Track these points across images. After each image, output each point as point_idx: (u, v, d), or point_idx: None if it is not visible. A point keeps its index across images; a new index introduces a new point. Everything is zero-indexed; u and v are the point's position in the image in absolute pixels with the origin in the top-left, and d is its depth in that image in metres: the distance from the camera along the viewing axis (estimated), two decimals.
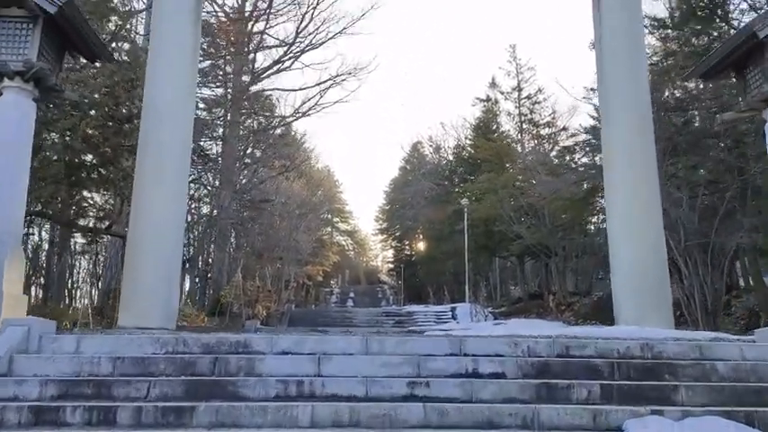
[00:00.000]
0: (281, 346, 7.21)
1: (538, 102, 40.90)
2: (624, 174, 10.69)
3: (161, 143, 10.51)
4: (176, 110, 10.77)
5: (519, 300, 29.57)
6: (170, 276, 10.41)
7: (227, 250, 25.46)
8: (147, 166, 10.53)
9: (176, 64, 10.78)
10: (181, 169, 10.90)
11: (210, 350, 7.16)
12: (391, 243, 60.62)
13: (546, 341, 7.34)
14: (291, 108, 28.99)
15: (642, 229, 10.50)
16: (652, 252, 10.45)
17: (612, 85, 10.98)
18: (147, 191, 10.43)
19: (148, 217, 10.32)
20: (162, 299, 10.18)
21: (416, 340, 7.46)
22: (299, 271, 36.22)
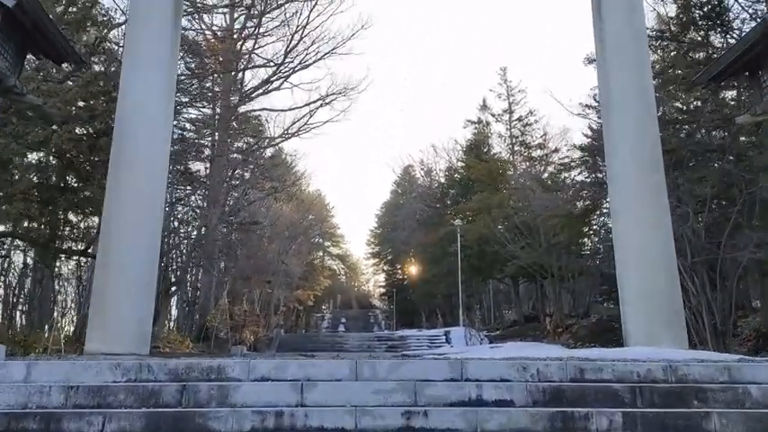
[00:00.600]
0: (259, 371, 6.32)
1: (529, 124, 40.58)
2: (630, 184, 9.98)
3: (136, 153, 9.71)
4: (152, 119, 10.00)
5: (514, 323, 28.67)
6: (143, 298, 9.50)
7: (215, 274, 24.46)
8: (119, 179, 9.71)
9: (153, 69, 10.05)
10: (156, 183, 10.08)
11: (178, 377, 6.26)
12: (383, 267, 59.66)
13: (557, 364, 6.51)
14: (281, 129, 28.30)
15: (652, 243, 9.75)
16: (663, 267, 9.69)
17: (617, 87, 10.35)
18: (118, 206, 9.59)
19: (119, 233, 9.46)
20: (133, 322, 9.26)
21: (412, 363, 6.61)
22: (288, 295, 35.16)
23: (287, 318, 34.91)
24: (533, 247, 22.37)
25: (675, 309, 9.65)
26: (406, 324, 44.71)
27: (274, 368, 6.35)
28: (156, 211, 10.08)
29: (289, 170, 35.49)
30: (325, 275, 48.96)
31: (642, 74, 10.46)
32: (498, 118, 42.12)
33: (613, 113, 10.48)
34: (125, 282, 9.29)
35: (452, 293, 36.13)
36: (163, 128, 10.23)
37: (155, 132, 9.90)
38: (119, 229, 9.47)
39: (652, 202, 9.91)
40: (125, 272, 9.33)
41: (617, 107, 10.41)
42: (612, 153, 10.46)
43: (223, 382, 6.11)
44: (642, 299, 9.62)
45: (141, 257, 9.55)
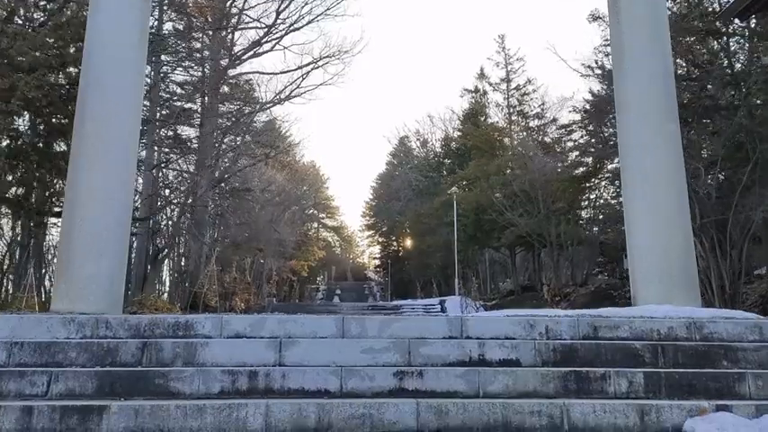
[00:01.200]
0: (233, 328, 5.56)
1: (527, 93, 39.53)
2: (642, 131, 9.14)
3: (103, 99, 8.77)
4: (122, 63, 9.03)
5: (510, 292, 28.06)
6: (113, 256, 8.66)
7: (205, 241, 23.66)
8: (85, 128, 8.79)
9: (124, 7, 9.07)
10: (127, 133, 9.13)
11: (140, 334, 5.49)
12: (378, 239, 58.99)
13: (567, 321, 5.76)
14: (272, 95, 27.17)
15: (665, 196, 8.94)
16: (677, 223, 8.89)
17: (630, 33, 9.43)
18: (85, 157, 8.70)
19: (87, 185, 8.58)
20: (104, 280, 8.44)
21: (406, 320, 5.85)
22: (282, 265, 34.49)
23: (280, 288, 34.28)
24: (532, 214, 21.61)
25: (689, 268, 8.88)
26: (401, 295, 44.19)
27: (250, 325, 5.58)
28: (129, 163, 9.18)
29: (281, 137, 34.49)
30: (319, 247, 48.30)
31: (658, 22, 9.56)
32: (496, 87, 41.06)
33: (627, 61, 9.59)
34: (93, 237, 8.45)
35: (448, 264, 35.52)
36: (134, 72, 9.27)
37: (124, 77, 8.95)
38: (86, 182, 8.59)
39: (667, 153, 9.08)
40: (93, 226, 8.48)
41: (630, 55, 9.50)
42: (624, 102, 9.60)
43: (191, 339, 5.34)
44: (653, 256, 8.84)
45: (111, 212, 8.69)
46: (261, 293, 26.66)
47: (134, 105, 9.30)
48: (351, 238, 66.08)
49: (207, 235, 24.73)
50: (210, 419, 4.40)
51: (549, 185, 20.04)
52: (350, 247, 67.05)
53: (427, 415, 4.51)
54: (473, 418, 4.52)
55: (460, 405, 4.57)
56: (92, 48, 9.03)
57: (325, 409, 4.49)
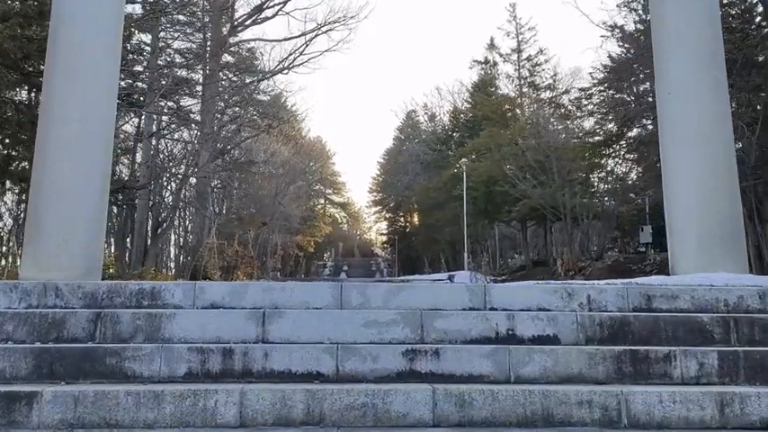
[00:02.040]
0: (208, 297, 4.54)
1: (539, 63, 38.07)
2: (685, 77, 7.97)
3: (76, 36, 7.69)
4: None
5: (521, 267, 27.02)
6: (89, 220, 7.64)
7: (206, 215, 22.70)
8: (54, 76, 7.74)
9: None
10: (103, 82, 8.05)
11: (97, 303, 4.49)
12: (385, 215, 57.93)
13: (613, 289, 4.70)
14: (275, 63, 25.93)
15: (710, 152, 7.81)
16: (723, 182, 7.76)
17: None
18: (57, 108, 7.65)
19: (58, 142, 7.55)
20: (78, 248, 7.43)
21: (417, 289, 4.81)
22: (287, 240, 33.57)
23: (286, 263, 33.40)
24: (546, 185, 20.44)
25: (736, 233, 7.77)
26: (408, 271, 43.29)
27: (229, 293, 4.57)
28: (106, 116, 8.11)
29: (286, 109, 33.32)
30: (326, 223, 47.32)
31: None
32: (506, 58, 39.56)
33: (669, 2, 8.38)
34: (66, 200, 7.44)
35: (456, 240, 34.48)
36: (111, 4, 8.16)
37: (98, 16, 7.84)
38: (57, 138, 7.56)
39: (713, 103, 7.92)
40: (66, 187, 7.46)
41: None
42: (663, 44, 8.41)
43: (156, 310, 4.33)
44: (696, 219, 7.73)
45: (86, 172, 7.66)
46: (265, 268, 25.76)
47: (111, 46, 8.18)
48: (358, 215, 65.07)
49: (209, 208, 23.77)
50: (170, 410, 3.42)
51: (566, 154, 18.84)
52: (357, 223, 66.08)
53: (446, 405, 3.50)
54: (505, 410, 3.51)
55: (488, 393, 3.55)
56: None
57: (315, 398, 3.49)
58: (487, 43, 40.73)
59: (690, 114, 8.00)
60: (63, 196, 7.54)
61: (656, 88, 8.64)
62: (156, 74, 21.94)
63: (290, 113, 34.88)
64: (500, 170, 22.98)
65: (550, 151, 19.99)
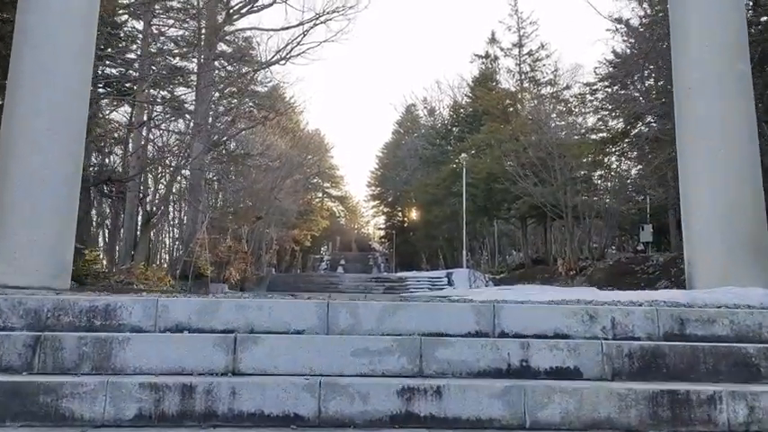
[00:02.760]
0: (173, 315, 3.88)
1: (540, 59, 37.30)
2: (706, 68, 7.31)
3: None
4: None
5: (520, 265, 26.40)
6: (58, 216, 6.99)
7: (200, 208, 21.98)
8: (23, 46, 7.07)
9: None
10: (77, 49, 7.34)
11: (40, 323, 3.82)
12: (383, 209, 57.24)
13: (641, 311, 4.05)
14: (272, 53, 25.11)
15: (733, 150, 7.17)
16: (747, 183, 7.14)
17: None
18: (22, 85, 6.98)
19: (23, 126, 6.88)
20: (45, 248, 6.79)
21: (415, 307, 4.14)
22: (284, 234, 32.90)
23: (282, 258, 32.74)
24: (548, 183, 19.79)
25: (763, 238, 7.15)
26: (405, 266, 42.67)
27: (197, 311, 3.90)
28: (79, 106, 7.42)
29: (284, 101, 32.56)
30: (323, 216, 46.61)
31: None
32: (507, 52, 38.78)
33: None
34: (32, 194, 6.78)
35: (454, 236, 33.85)
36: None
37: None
38: (21, 125, 6.89)
39: (736, 97, 7.27)
40: (34, 183, 6.80)
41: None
42: (682, 32, 7.76)
43: (109, 334, 3.66)
44: (719, 225, 7.09)
45: (57, 164, 6.99)
46: (260, 263, 25.11)
47: (85, 32, 7.48)
48: (355, 209, 64.34)
49: (202, 201, 23.07)
50: None
51: (568, 151, 18.17)
52: (354, 217, 65.36)
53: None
54: None
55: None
56: None
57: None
58: (488, 37, 39.95)
59: (713, 111, 7.35)
60: (30, 193, 6.90)
61: (675, 83, 7.97)
62: (148, 62, 21.20)
63: (287, 105, 34.14)
64: (500, 167, 22.32)
65: (552, 148, 19.32)
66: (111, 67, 21.48)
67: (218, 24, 23.69)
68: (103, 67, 20.95)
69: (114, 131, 23.10)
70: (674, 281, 16.61)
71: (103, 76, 20.71)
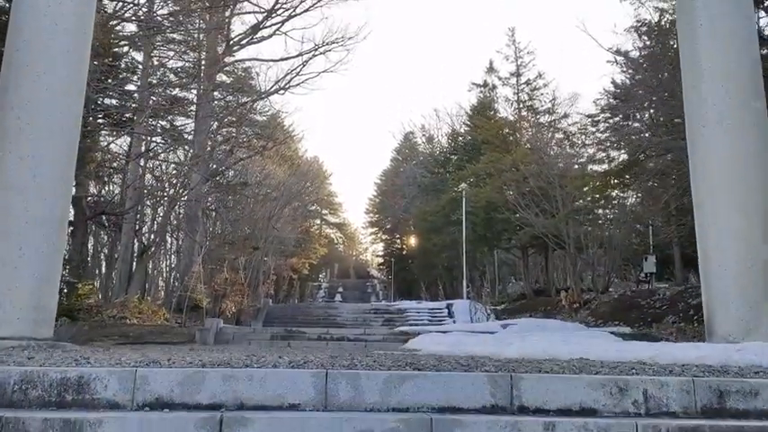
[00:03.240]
0: (153, 388, 3.44)
1: (537, 87, 37.53)
2: (721, 106, 7.04)
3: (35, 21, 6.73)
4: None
5: (521, 296, 25.90)
6: (39, 257, 6.58)
7: (196, 239, 21.55)
8: (10, 70, 6.77)
9: None
10: (69, 76, 7.03)
11: (5, 398, 3.38)
12: (382, 236, 56.86)
13: (677, 382, 3.62)
14: (272, 83, 24.98)
15: (753, 194, 6.84)
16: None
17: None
18: (7, 128, 6.64)
19: (8, 162, 6.54)
20: (24, 293, 6.39)
21: (424, 377, 3.70)
22: (282, 263, 32.43)
23: (279, 287, 32.21)
24: (549, 213, 19.43)
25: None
26: (404, 294, 42.10)
27: (180, 383, 3.46)
28: (67, 134, 7.06)
29: (283, 129, 32.40)
30: (321, 244, 46.16)
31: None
32: (505, 81, 38.99)
33: (700, 14, 7.46)
34: (12, 237, 6.39)
35: (454, 265, 33.42)
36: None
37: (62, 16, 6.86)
38: (4, 160, 6.54)
39: (754, 137, 6.96)
40: (14, 222, 6.42)
41: (706, 6, 7.38)
42: (694, 68, 7.49)
43: (79, 415, 3.22)
44: (739, 273, 6.73)
45: (40, 201, 6.60)
46: (257, 294, 24.57)
47: (77, 61, 7.17)
48: (354, 235, 63.98)
49: (199, 232, 22.65)
50: None
51: (570, 183, 17.87)
52: (353, 244, 64.92)
53: None
54: None
55: None
56: None
57: None
58: (486, 66, 40.18)
59: (728, 152, 7.04)
60: (11, 237, 6.51)
61: (687, 119, 7.66)
62: (147, 93, 21.01)
63: (286, 133, 33.98)
64: (501, 196, 22.01)
65: (553, 178, 19.03)
66: (110, 98, 21.34)
67: (218, 56, 23.62)
68: (103, 98, 20.82)
69: (113, 161, 22.84)
70: (681, 316, 16.16)
71: (103, 106, 20.56)
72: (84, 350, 6.07)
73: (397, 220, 48.71)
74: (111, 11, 20.18)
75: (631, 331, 16.64)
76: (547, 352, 5.67)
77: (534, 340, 7.23)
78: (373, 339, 14.86)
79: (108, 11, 20.15)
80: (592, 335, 8.95)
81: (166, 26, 21.66)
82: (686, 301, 17.01)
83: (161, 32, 21.42)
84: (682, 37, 7.92)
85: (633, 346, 5.93)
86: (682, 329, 15.85)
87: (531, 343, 7.12)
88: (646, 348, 5.60)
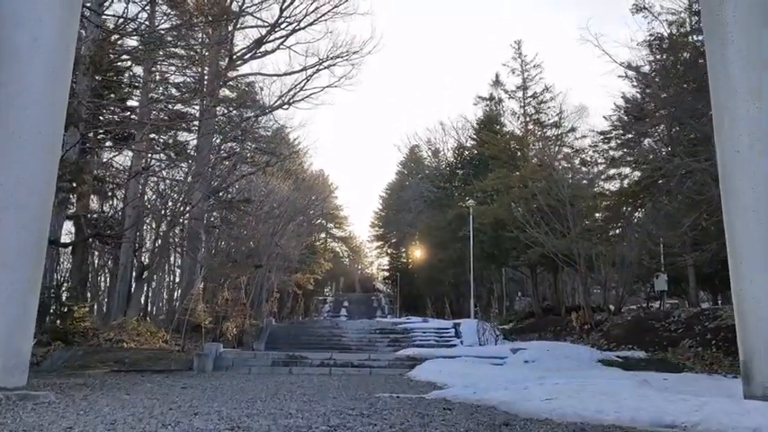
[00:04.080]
0: None
1: (544, 101, 36.91)
2: (756, 122, 6.42)
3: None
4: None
5: (530, 314, 25.15)
6: (16, 301, 5.99)
7: (198, 259, 20.98)
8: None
9: None
10: (49, 87, 6.48)
11: None
12: (387, 250, 56.23)
13: None
14: (275, 98, 24.55)
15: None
16: None
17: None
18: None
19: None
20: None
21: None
22: (286, 279, 31.82)
23: (283, 303, 31.55)
24: (558, 232, 18.76)
25: None
26: (410, 309, 41.38)
27: None
28: (46, 163, 6.50)
29: (288, 144, 31.93)
30: (326, 258, 45.52)
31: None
32: (512, 95, 38.42)
33: (732, 44, 6.86)
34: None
35: (460, 281, 32.72)
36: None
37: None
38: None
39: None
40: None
41: (736, 35, 6.80)
42: (726, 94, 6.85)
43: None
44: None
45: (13, 235, 6.03)
46: (260, 311, 23.94)
47: (58, 67, 6.65)
48: (359, 249, 63.33)
49: (201, 250, 22.09)
50: None
51: (582, 202, 17.20)
52: (358, 257, 64.28)
53: None
54: None
55: None
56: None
57: None
58: (492, 80, 39.72)
59: (765, 178, 6.38)
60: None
61: (718, 143, 7.03)
62: (148, 108, 20.58)
63: (291, 148, 33.53)
64: (508, 213, 21.36)
65: (564, 195, 18.37)
66: (112, 114, 20.92)
67: (221, 70, 23.19)
68: (104, 113, 20.40)
69: (115, 177, 22.38)
70: (698, 340, 15.38)
71: (105, 121, 20.14)
72: (57, 404, 5.46)
73: (403, 235, 48.11)
74: (112, 26, 19.89)
75: (647, 356, 15.90)
76: (575, 411, 5.01)
77: (554, 387, 6.55)
78: (378, 365, 14.18)
79: (110, 26, 19.86)
80: (613, 378, 8.23)
81: (168, 40, 21.32)
82: (703, 324, 16.25)
83: (163, 47, 21.05)
84: (710, 52, 7.30)
85: (668, 402, 5.25)
86: (699, 355, 15.10)
87: (550, 389, 6.45)
88: (684, 407, 4.92)
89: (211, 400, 6.40)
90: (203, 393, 7.34)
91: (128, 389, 7.74)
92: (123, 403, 5.80)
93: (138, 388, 7.96)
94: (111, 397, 6.44)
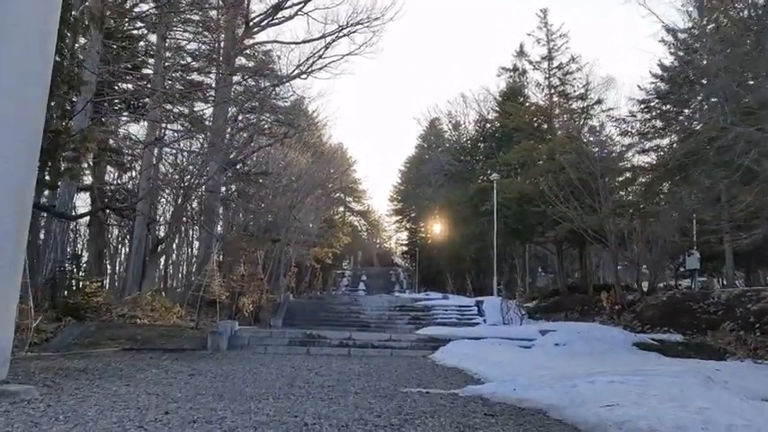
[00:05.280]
0: None
1: (570, 72, 35.22)
2: None
3: None
4: None
5: (555, 292, 24.11)
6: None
7: (214, 233, 20.28)
8: None
9: None
10: (29, 64, 5.61)
11: None
12: (406, 224, 55.29)
13: None
14: (293, 67, 23.43)
15: None
16: None
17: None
18: None
19: None
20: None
21: None
22: (305, 253, 31.13)
23: (300, 279, 30.90)
24: (588, 207, 17.61)
25: None
26: (429, 285, 40.58)
27: None
28: (29, 146, 5.64)
29: (307, 116, 30.90)
30: (345, 232, 44.73)
31: None
32: (536, 66, 36.70)
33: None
34: None
35: (481, 257, 31.73)
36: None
37: None
38: None
39: None
40: None
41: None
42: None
43: None
44: None
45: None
46: (278, 286, 23.29)
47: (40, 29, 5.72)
48: (378, 223, 62.45)
49: (218, 223, 21.37)
50: None
51: (615, 174, 15.99)
52: (377, 231, 63.44)
53: None
54: None
55: None
56: None
57: None
58: (516, 50, 38.04)
59: None
60: None
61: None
62: (162, 77, 19.67)
63: (309, 120, 32.50)
64: (534, 187, 20.20)
65: (595, 168, 17.17)
66: (127, 83, 20.04)
67: (238, 37, 22.13)
68: (118, 83, 19.54)
69: (132, 149, 21.64)
70: (740, 323, 14.28)
71: (120, 91, 19.30)
72: (37, 403, 4.67)
73: (422, 209, 47.04)
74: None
75: (684, 339, 14.85)
76: (650, 425, 4.07)
77: (609, 386, 5.60)
78: (400, 346, 13.38)
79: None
80: (672, 372, 7.25)
81: (183, 4, 20.30)
82: (745, 306, 15.12)
83: (177, 12, 20.06)
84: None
85: (758, 412, 4.31)
86: (742, 339, 14.03)
87: (604, 390, 5.51)
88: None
89: (218, 396, 5.59)
90: (211, 384, 6.56)
91: (129, 377, 6.99)
92: (115, 402, 5.01)
93: (141, 376, 7.20)
94: (105, 391, 5.66)
